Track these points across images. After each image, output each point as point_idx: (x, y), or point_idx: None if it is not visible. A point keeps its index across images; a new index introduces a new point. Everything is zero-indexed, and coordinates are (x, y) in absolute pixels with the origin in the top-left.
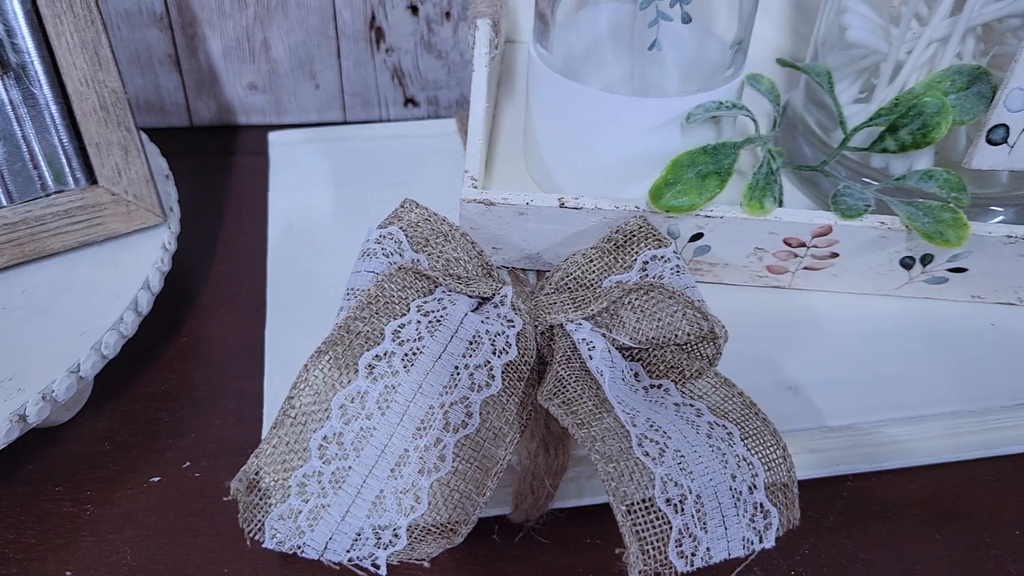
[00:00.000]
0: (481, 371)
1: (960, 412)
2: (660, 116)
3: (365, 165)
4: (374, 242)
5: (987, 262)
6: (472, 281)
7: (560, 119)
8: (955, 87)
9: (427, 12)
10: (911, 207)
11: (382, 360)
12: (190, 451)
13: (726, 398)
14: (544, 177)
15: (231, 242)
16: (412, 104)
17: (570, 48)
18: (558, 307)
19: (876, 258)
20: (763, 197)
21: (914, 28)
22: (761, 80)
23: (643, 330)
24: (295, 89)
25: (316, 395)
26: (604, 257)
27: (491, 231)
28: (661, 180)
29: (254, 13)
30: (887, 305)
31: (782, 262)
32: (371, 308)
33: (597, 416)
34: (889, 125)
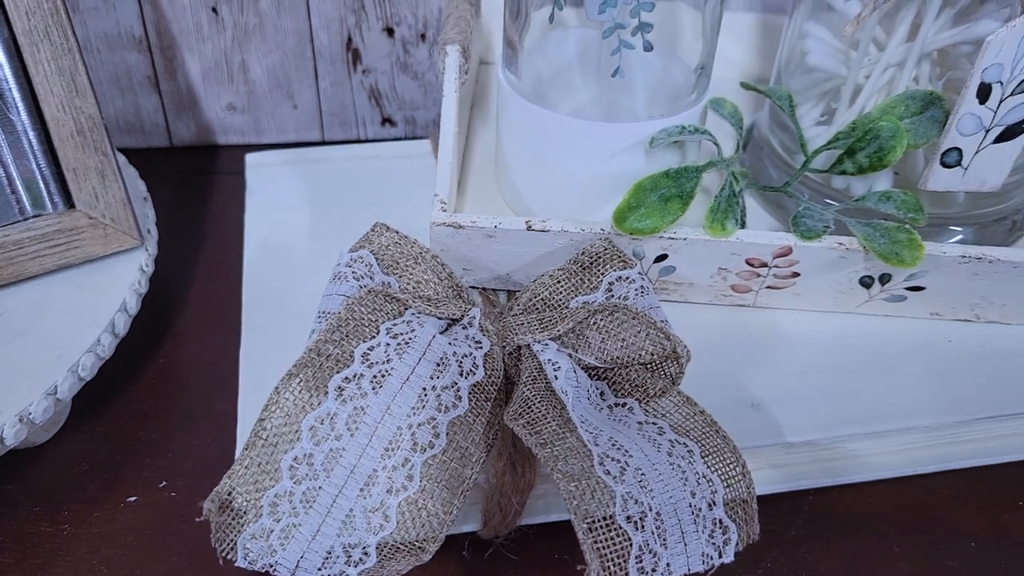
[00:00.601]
0: (448, 392)
1: (918, 427)
2: (625, 140)
3: (341, 186)
4: (345, 265)
5: (943, 281)
6: (441, 303)
7: (528, 143)
8: (909, 112)
9: (403, 34)
10: (869, 228)
11: (351, 382)
12: (167, 471)
13: (688, 416)
14: (515, 199)
15: (210, 262)
16: (389, 124)
17: (539, 72)
18: (525, 328)
19: (836, 277)
20: (725, 219)
21: (872, 53)
22: (724, 104)
23: (608, 350)
24: (273, 110)
25: (287, 417)
26: (571, 278)
27: (461, 253)
28: (624, 204)
29: (232, 36)
30: (848, 322)
31: (745, 281)
32: (341, 331)
33: (560, 436)
34: (847, 148)
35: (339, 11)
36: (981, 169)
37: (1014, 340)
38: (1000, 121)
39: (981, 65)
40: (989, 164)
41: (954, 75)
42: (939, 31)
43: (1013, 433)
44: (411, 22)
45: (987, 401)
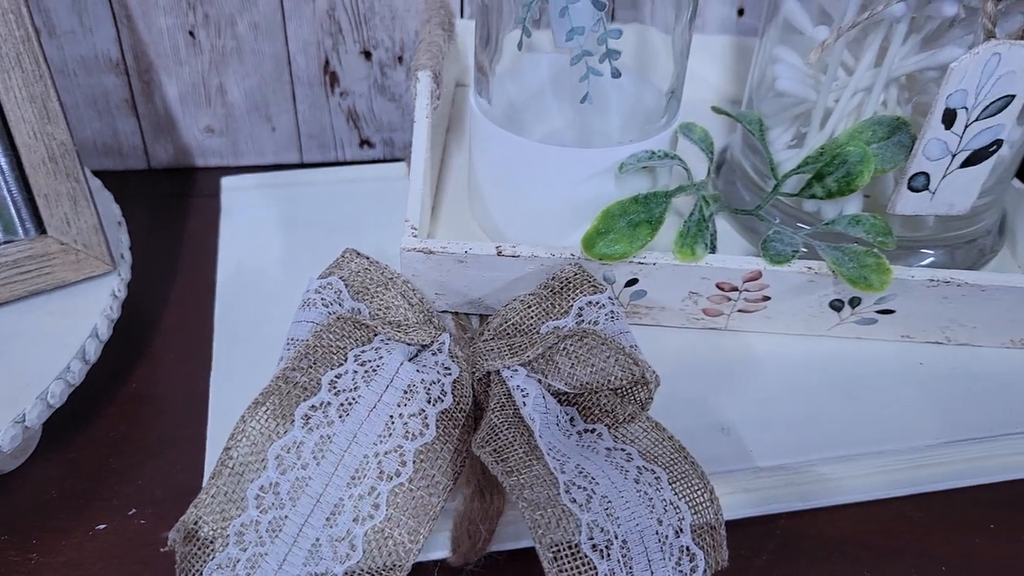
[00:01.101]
0: (416, 420)
1: (888, 451)
2: (596, 165)
3: (317, 210)
4: (314, 292)
5: (913, 304)
6: (411, 329)
7: (500, 168)
8: (876, 137)
9: (380, 57)
10: (837, 252)
11: (318, 410)
12: (136, 498)
13: (656, 442)
14: (488, 223)
15: (185, 286)
16: (368, 145)
17: (510, 98)
18: (495, 353)
19: (807, 301)
20: (694, 244)
21: (841, 77)
22: (694, 129)
23: (578, 375)
24: (252, 132)
25: (253, 446)
26: (541, 303)
27: (433, 278)
28: (593, 229)
29: (209, 59)
30: (820, 345)
31: (716, 305)
32: (309, 358)
33: (527, 463)
34: (816, 173)
35: (316, 35)
36: (949, 193)
37: (984, 362)
38: (966, 146)
39: (945, 91)
40: (957, 188)
41: (922, 99)
42: (906, 56)
43: (983, 456)
44: (388, 45)
45: (958, 424)
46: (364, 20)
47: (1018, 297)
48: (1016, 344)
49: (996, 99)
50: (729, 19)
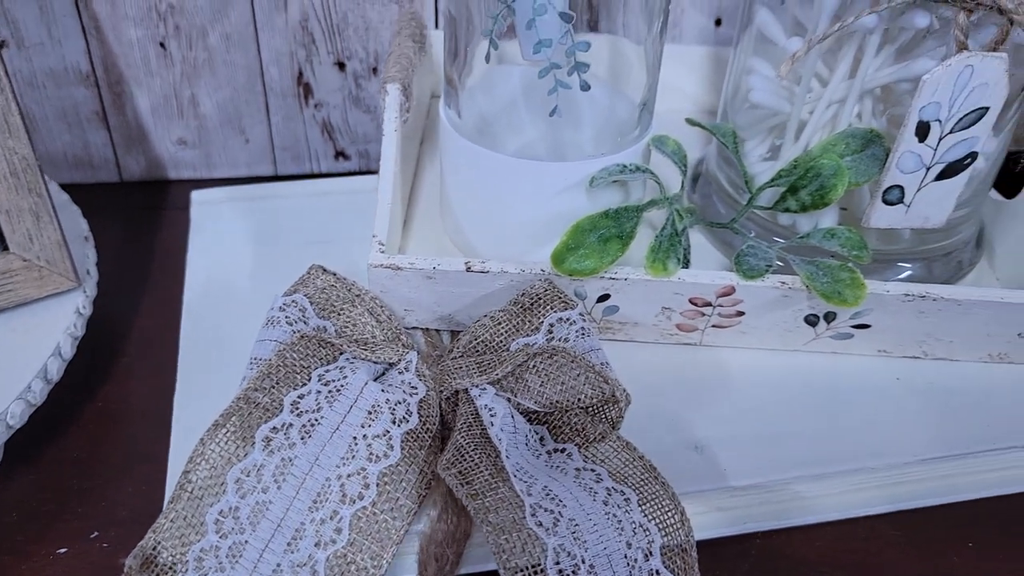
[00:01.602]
0: (380, 441)
1: (864, 468)
2: (567, 179)
3: (289, 223)
4: (278, 310)
5: (888, 319)
6: (377, 347)
7: (470, 182)
8: (850, 150)
9: (354, 68)
10: (812, 266)
11: (279, 432)
12: (99, 520)
13: (627, 462)
14: (459, 236)
15: (154, 301)
16: (343, 157)
17: (480, 110)
18: (463, 371)
19: (781, 316)
20: (666, 259)
21: (816, 89)
22: (666, 142)
23: (547, 394)
24: (225, 144)
25: (212, 469)
26: (511, 320)
27: (401, 294)
28: (563, 245)
29: (181, 71)
30: (795, 360)
31: (690, 320)
32: (271, 378)
33: (492, 486)
34: (790, 186)
35: (289, 46)
36: (924, 206)
37: (961, 377)
38: (940, 159)
39: (918, 104)
40: (932, 201)
41: (897, 111)
42: (879, 68)
43: (961, 472)
44: (362, 56)
45: (935, 441)
46: (338, 31)
47: (994, 311)
48: (994, 358)
49: (970, 111)
50: (706, 29)
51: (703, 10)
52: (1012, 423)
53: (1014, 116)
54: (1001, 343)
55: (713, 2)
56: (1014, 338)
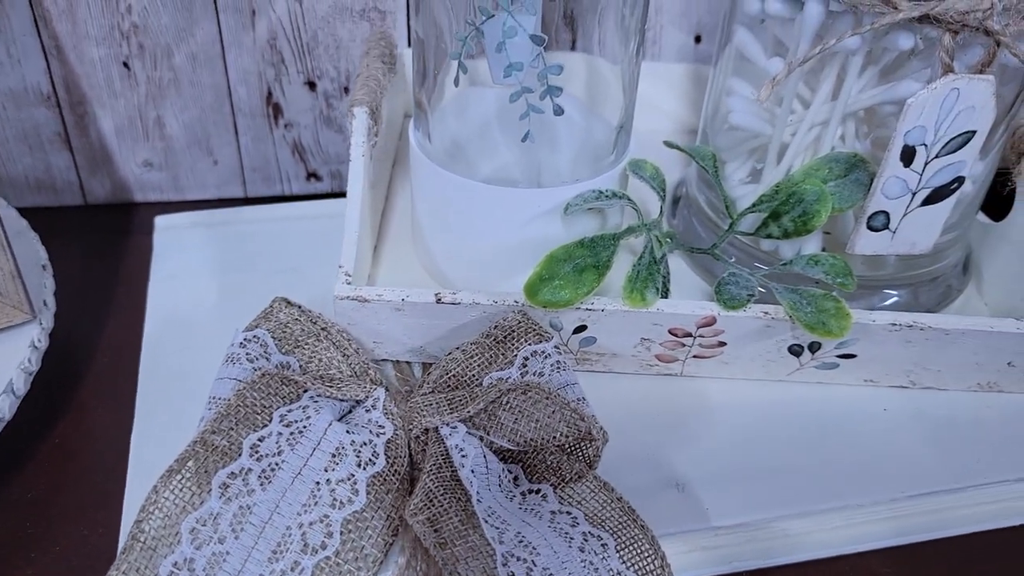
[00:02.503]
0: (344, 486)
1: (852, 505)
2: (541, 206)
3: (256, 250)
4: (238, 346)
5: (875, 348)
6: (344, 384)
7: (440, 208)
8: (833, 175)
9: (325, 87)
10: (795, 295)
11: (237, 478)
12: (53, 567)
13: (604, 504)
14: (430, 264)
15: (117, 332)
16: (315, 178)
17: (450, 135)
18: (433, 409)
19: (764, 346)
20: (644, 289)
21: (798, 111)
22: (644, 166)
23: (521, 431)
24: (193, 166)
25: (166, 518)
26: (484, 353)
27: (370, 326)
28: (536, 276)
29: (146, 91)
30: (779, 391)
31: (670, 351)
32: (230, 420)
33: (462, 533)
34: (772, 212)
35: (258, 65)
36: (910, 232)
37: (950, 407)
38: (927, 184)
39: (903, 128)
40: (918, 227)
41: (881, 133)
42: (863, 89)
43: (951, 507)
44: (333, 75)
45: (924, 475)
46: (307, 50)
47: (983, 340)
48: (983, 387)
49: (956, 135)
50: (686, 46)
51: (682, 27)
52: (1003, 455)
53: (1001, 138)
54: (991, 372)
55: (693, 19)
56: (1004, 367)
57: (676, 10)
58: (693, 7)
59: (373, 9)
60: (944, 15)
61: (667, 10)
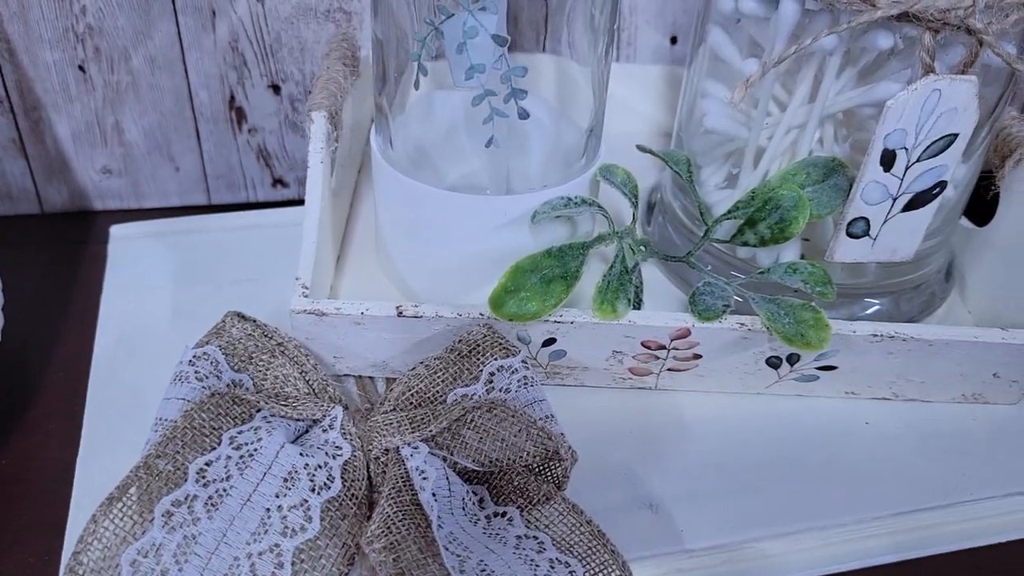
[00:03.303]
0: (296, 512)
1: (832, 524)
2: (507, 214)
3: (216, 260)
4: (187, 364)
5: (856, 360)
6: (300, 403)
7: (403, 216)
8: (811, 180)
9: (290, 91)
10: (773, 305)
11: (182, 505)
12: None
13: (573, 528)
14: (394, 274)
15: (71, 347)
16: (281, 185)
17: (416, 138)
18: (394, 428)
19: (741, 358)
20: (615, 300)
21: (775, 113)
22: (615, 171)
23: (486, 451)
24: (154, 173)
25: (105, 550)
26: (448, 368)
27: (329, 341)
28: (501, 287)
29: (103, 96)
30: (757, 405)
31: (644, 364)
32: (176, 443)
33: (422, 563)
34: (748, 219)
35: (219, 68)
36: (891, 238)
37: (935, 420)
38: (908, 189)
39: (883, 131)
40: (899, 233)
41: (861, 136)
42: (841, 91)
43: (936, 523)
44: (298, 78)
45: (907, 492)
46: (271, 52)
47: (967, 351)
48: (968, 399)
49: (938, 138)
50: (661, 47)
51: (658, 28)
52: (989, 470)
53: (985, 140)
54: (976, 383)
55: (668, 19)
56: (989, 378)
57: (651, 10)
58: (669, 7)
59: (338, 10)
60: (924, 13)
61: (642, 10)
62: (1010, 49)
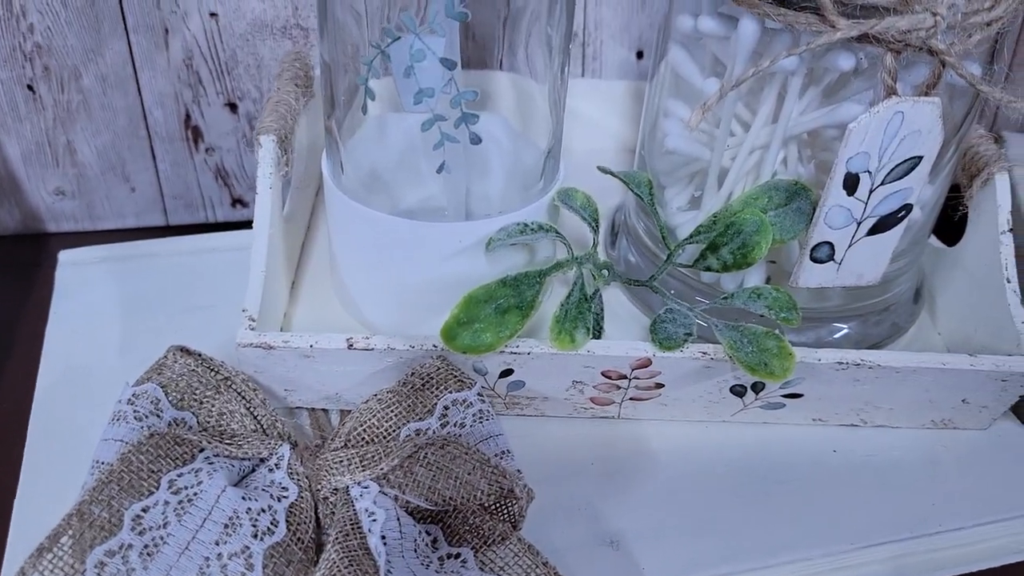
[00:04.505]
0: (237, 560)
1: (800, 559)
2: (461, 241)
3: (167, 286)
4: (125, 403)
5: (822, 388)
6: (245, 441)
7: (355, 243)
8: (773, 204)
9: (247, 109)
10: (736, 333)
11: (116, 556)
12: None
13: (528, 569)
14: (348, 302)
15: (17, 377)
16: (240, 205)
17: (368, 162)
18: (344, 466)
19: (705, 387)
20: (574, 329)
21: (739, 133)
22: (574, 196)
23: (439, 489)
24: (108, 193)
25: None
26: (402, 402)
27: (278, 374)
28: (453, 319)
29: (53, 115)
30: (723, 433)
31: (605, 394)
32: (112, 487)
33: None
34: (710, 243)
35: (173, 86)
36: (857, 263)
37: (903, 448)
38: (872, 212)
39: (845, 154)
40: (865, 257)
41: (826, 156)
42: (804, 111)
43: (906, 554)
44: (255, 96)
45: (876, 523)
46: (227, 70)
47: (935, 377)
48: (937, 424)
49: (902, 161)
50: (628, 62)
51: (623, 42)
52: (959, 498)
53: (952, 159)
54: (945, 409)
55: (634, 34)
56: (959, 404)
57: (616, 25)
58: (634, 22)
59: (295, 26)
60: (884, 34)
61: (607, 25)
62: (974, 69)
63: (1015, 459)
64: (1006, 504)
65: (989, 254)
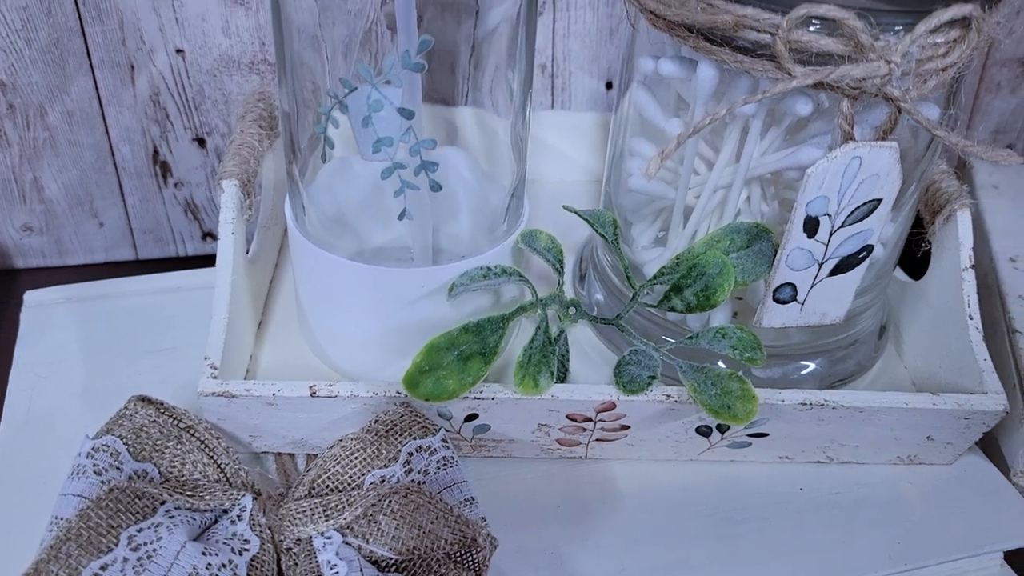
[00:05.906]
0: None
1: None
2: (423, 286)
3: (134, 327)
4: (84, 456)
5: (787, 427)
6: (207, 492)
7: (318, 287)
8: (735, 245)
9: (216, 143)
10: (700, 375)
11: None
12: None
13: None
14: (315, 345)
15: None
16: (211, 238)
17: (331, 206)
18: (307, 516)
19: (671, 428)
20: (537, 374)
21: (703, 172)
22: (538, 237)
23: (403, 539)
24: (76, 229)
25: None
26: (365, 449)
27: (242, 421)
28: (415, 367)
29: (19, 152)
30: (690, 472)
31: (571, 436)
32: (69, 545)
33: None
34: (673, 285)
35: (140, 122)
36: (820, 302)
37: (869, 484)
38: (833, 254)
39: (804, 199)
40: (828, 297)
41: (789, 195)
42: (766, 152)
43: None
44: (224, 131)
45: (843, 564)
46: (194, 105)
47: (899, 416)
48: (903, 460)
49: (861, 204)
50: (597, 93)
51: (592, 73)
52: (926, 536)
53: (914, 194)
54: (911, 446)
55: (603, 65)
56: (923, 441)
57: (585, 56)
58: (603, 53)
59: (262, 61)
60: (840, 82)
61: (575, 56)
62: (932, 111)
63: (981, 494)
64: (973, 540)
65: (952, 291)
